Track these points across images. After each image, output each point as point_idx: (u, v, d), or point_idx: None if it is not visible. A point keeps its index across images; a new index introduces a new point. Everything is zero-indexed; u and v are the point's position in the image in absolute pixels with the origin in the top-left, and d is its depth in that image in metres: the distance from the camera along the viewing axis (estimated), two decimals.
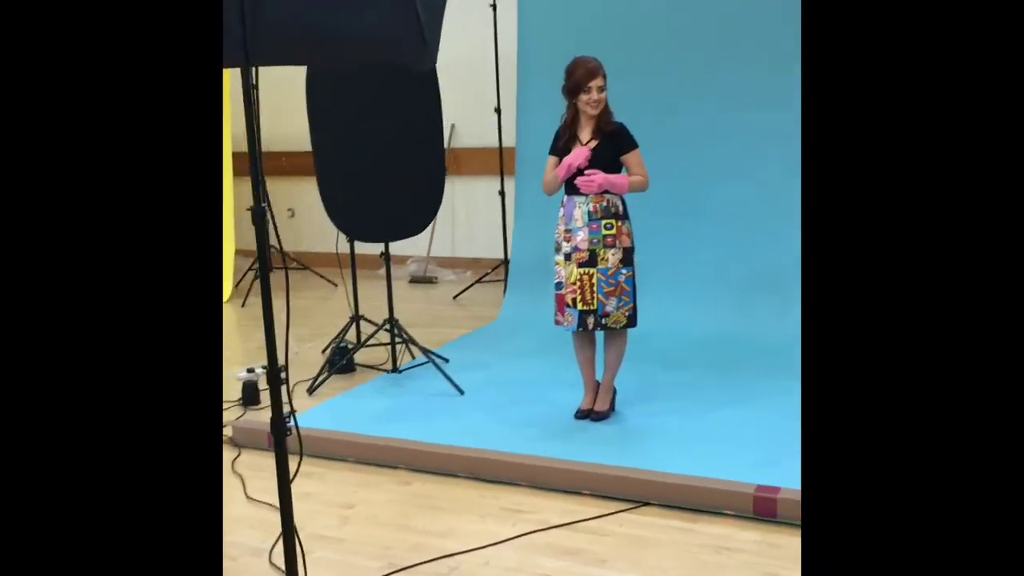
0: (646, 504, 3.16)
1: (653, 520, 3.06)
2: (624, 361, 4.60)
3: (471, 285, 6.55)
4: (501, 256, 6.42)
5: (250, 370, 4.87)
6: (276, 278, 6.94)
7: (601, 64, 3.77)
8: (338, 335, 4.99)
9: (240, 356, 5.28)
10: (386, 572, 2.79)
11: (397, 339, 4.72)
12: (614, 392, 4.05)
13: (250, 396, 4.40)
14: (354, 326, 5.12)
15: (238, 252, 7.05)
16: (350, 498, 3.34)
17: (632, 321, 3.87)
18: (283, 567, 2.47)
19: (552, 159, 3.89)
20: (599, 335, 3.98)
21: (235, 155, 6.64)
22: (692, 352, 4.81)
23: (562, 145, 3.88)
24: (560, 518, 3.09)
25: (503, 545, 2.93)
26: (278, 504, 2.43)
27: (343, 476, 3.54)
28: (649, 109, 4.86)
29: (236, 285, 6.81)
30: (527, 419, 3.99)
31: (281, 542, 2.90)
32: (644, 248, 4.02)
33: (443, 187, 4.63)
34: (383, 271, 4.77)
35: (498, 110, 6.16)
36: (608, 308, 3.80)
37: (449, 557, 2.86)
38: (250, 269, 6.91)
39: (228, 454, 3.80)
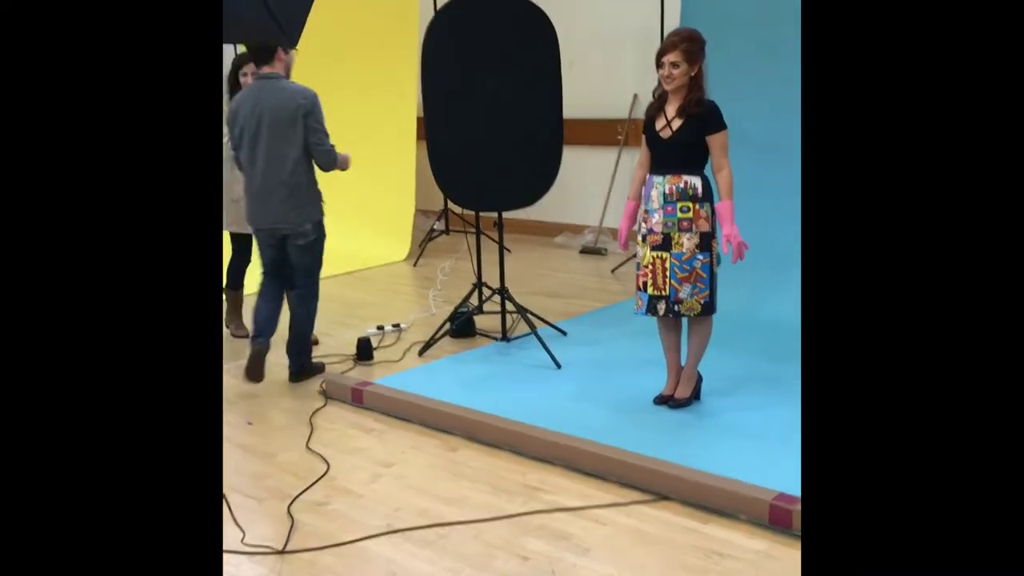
0: (666, 499, 3.07)
1: (664, 516, 2.97)
2: (728, 348, 4.46)
3: (628, 259, 6.48)
4: None
5: (380, 327, 5.14)
6: (452, 240, 7.26)
7: (690, 39, 3.59)
8: (462, 301, 5.14)
9: (388, 314, 5.54)
10: (379, 532, 2.91)
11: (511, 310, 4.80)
12: (699, 380, 3.92)
13: (364, 352, 4.65)
14: (476, 293, 5.24)
15: (418, 212, 7.38)
16: (394, 458, 3.49)
17: (708, 309, 3.72)
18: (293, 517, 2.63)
19: (644, 138, 3.80)
20: (686, 319, 3.86)
21: (419, 120, 6.93)
22: (775, 346, 4.53)
23: (647, 118, 3.77)
24: (573, 501, 3.07)
25: (502, 521, 2.96)
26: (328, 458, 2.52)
27: (400, 436, 3.69)
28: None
29: (421, 244, 7.11)
30: (607, 399, 3.95)
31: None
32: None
33: (559, 157, 4.61)
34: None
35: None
36: (681, 295, 3.67)
37: (443, 525, 2.94)
38: (431, 232, 7.24)
39: (315, 404, 4.07)
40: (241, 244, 4.90)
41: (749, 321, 4.91)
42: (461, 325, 4.92)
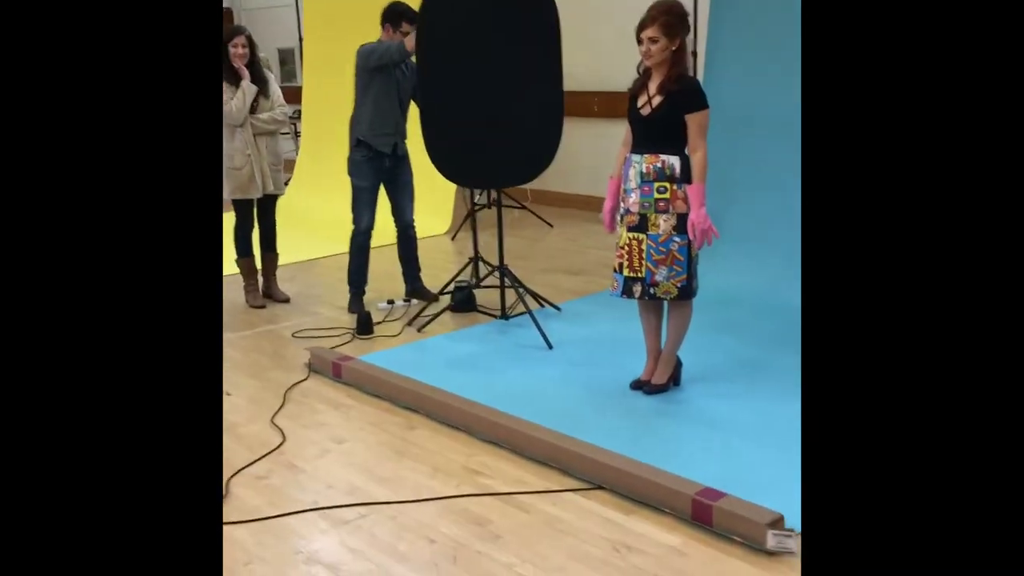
0: (600, 488, 2.99)
1: (590, 505, 2.89)
2: (717, 333, 4.31)
3: None
4: None
5: (390, 301, 5.16)
6: (494, 215, 7.22)
7: (668, 12, 3.44)
8: (456, 275, 5.12)
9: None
10: (302, 509, 2.93)
11: (509, 286, 4.74)
12: (678, 365, 3.80)
13: (364, 326, 4.68)
14: (473, 268, 5.23)
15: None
16: (350, 434, 3.50)
17: (685, 294, 3.59)
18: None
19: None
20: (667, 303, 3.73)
21: None
22: (792, 334, 4.32)
23: (630, 95, 3.65)
24: (506, 486, 3.02)
25: (427, 503, 2.93)
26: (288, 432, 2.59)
27: (366, 412, 3.70)
28: None
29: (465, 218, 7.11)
30: (588, 382, 3.87)
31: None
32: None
33: (560, 131, 4.51)
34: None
35: (694, 53, 5.81)
36: (657, 277, 3.55)
37: (365, 505, 2.93)
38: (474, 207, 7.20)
39: (297, 376, 4.12)
40: (243, 210, 5.04)
41: (755, 306, 4.74)
42: (460, 301, 4.90)
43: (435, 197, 7.11)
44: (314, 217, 7.29)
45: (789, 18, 4.91)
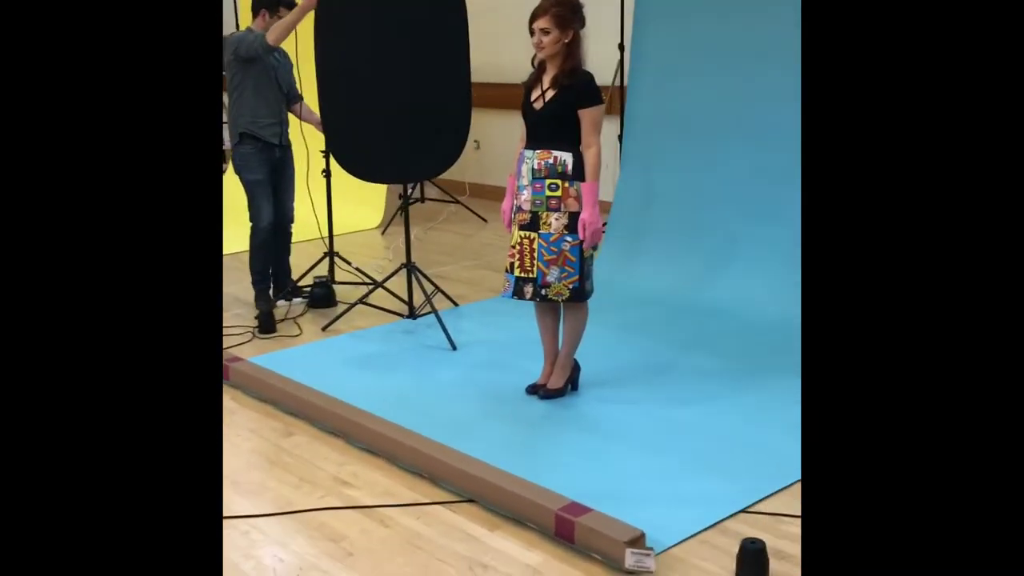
0: (471, 501, 2.86)
1: (455, 520, 2.75)
2: (628, 334, 4.20)
3: None
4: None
5: (287, 296, 4.96)
6: (430, 209, 7.06)
7: (560, 4, 3.30)
8: (308, 270, 5.02)
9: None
10: None
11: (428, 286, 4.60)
12: (575, 369, 3.67)
13: (265, 325, 4.52)
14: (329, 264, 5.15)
15: None
16: (225, 441, 3.35)
17: (578, 295, 3.45)
18: None
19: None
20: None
21: None
22: (708, 336, 4.23)
23: (525, 88, 3.50)
24: (372, 499, 2.88)
25: (284, 517, 2.79)
26: None
27: (248, 417, 3.55)
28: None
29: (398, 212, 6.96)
30: (486, 386, 3.74)
31: None
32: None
33: (468, 124, 4.36)
34: None
35: (621, 47, 5.68)
36: (548, 278, 3.42)
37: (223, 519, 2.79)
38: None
39: None
40: None
41: (672, 306, 4.62)
42: (318, 297, 4.81)
43: (366, 190, 6.94)
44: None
45: (712, 18, 4.80)
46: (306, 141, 4.86)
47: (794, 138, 4.50)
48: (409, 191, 7.31)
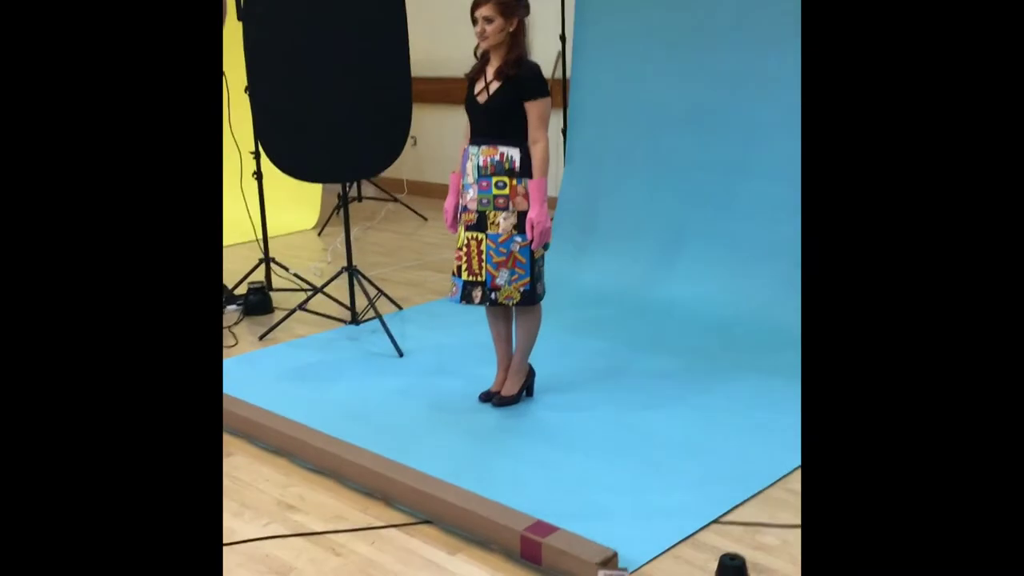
0: (427, 523, 2.68)
1: (412, 544, 2.57)
2: (580, 335, 4.07)
3: None
4: None
5: (229, 301, 4.73)
6: (368, 208, 6.83)
7: None
8: (243, 278, 4.80)
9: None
10: None
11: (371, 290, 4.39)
12: (530, 374, 3.51)
13: None
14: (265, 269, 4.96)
15: None
16: None
17: (530, 299, 3.29)
18: None
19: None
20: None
21: None
22: (662, 335, 4.10)
23: (468, 81, 3.33)
24: (322, 524, 2.69)
25: (226, 548, 2.58)
26: None
27: None
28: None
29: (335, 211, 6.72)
30: (434, 395, 3.56)
31: None
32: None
33: (409, 119, 4.17)
34: None
35: (563, 38, 5.52)
36: (498, 281, 3.24)
37: None
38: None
39: None
40: None
41: (624, 304, 4.49)
42: (254, 304, 4.60)
43: (301, 190, 6.69)
44: None
45: (657, 4, 4.66)
46: (236, 141, 4.61)
47: (744, 127, 4.41)
48: (347, 190, 7.10)
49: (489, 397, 3.48)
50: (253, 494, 2.87)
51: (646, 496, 2.76)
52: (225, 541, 2.61)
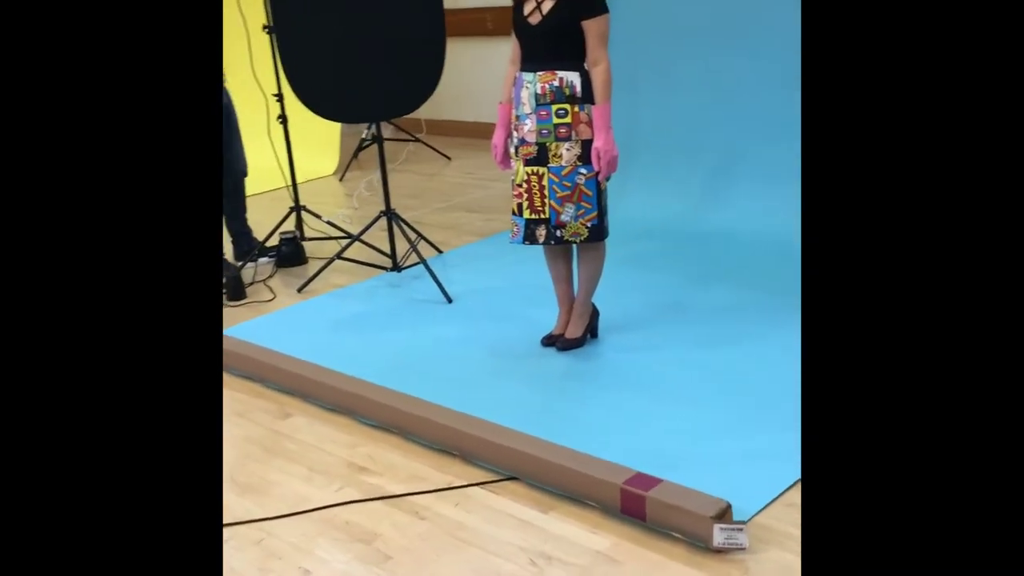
0: (512, 479, 2.50)
1: (501, 503, 2.39)
2: (629, 271, 3.86)
3: None
4: None
5: (251, 257, 4.50)
6: (388, 149, 6.61)
7: None
8: (275, 228, 4.54)
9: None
10: None
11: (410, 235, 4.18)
12: (594, 315, 3.31)
13: (235, 290, 4.07)
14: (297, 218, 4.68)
15: None
16: None
17: (597, 234, 3.07)
18: None
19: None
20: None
21: None
22: (718, 267, 3.89)
23: (515, 3, 3.07)
24: (399, 486, 2.51)
25: (300, 517, 2.40)
26: None
27: (230, 399, 3.12)
28: None
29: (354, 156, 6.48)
30: (494, 341, 3.37)
31: None
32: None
33: (443, 54, 3.92)
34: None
35: None
36: (563, 217, 3.03)
37: (227, 526, 2.39)
38: (362, 142, 6.56)
39: None
40: None
41: (670, 236, 4.27)
42: (286, 256, 4.38)
43: (319, 135, 6.44)
44: None
45: None
46: (261, 85, 4.36)
47: (792, 46, 4.14)
48: (371, 131, 6.84)
49: (552, 341, 3.28)
50: (320, 456, 2.69)
51: (743, 440, 2.57)
52: (300, 509, 2.44)
